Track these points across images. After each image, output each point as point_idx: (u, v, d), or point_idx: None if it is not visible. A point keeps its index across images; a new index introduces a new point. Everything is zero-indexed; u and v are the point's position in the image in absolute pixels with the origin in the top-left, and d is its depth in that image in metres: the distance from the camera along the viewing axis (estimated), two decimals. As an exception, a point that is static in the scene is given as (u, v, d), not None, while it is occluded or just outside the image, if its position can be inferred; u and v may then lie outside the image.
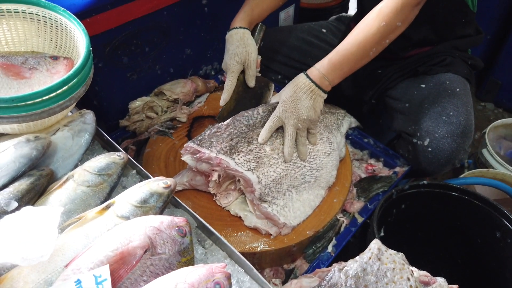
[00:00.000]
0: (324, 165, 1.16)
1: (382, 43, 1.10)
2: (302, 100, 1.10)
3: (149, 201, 0.71)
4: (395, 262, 0.77)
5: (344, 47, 1.11)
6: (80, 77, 0.81)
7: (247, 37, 1.24)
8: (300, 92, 1.11)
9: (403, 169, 1.31)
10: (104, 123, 1.38)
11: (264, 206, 1.04)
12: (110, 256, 0.58)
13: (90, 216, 0.67)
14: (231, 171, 1.04)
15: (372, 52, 1.11)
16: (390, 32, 1.09)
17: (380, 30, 1.07)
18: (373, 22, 1.08)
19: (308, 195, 1.13)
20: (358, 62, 1.12)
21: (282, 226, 1.05)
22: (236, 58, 1.23)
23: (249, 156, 1.06)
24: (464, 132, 1.17)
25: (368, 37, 1.08)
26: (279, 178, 1.07)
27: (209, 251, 0.74)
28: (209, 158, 1.04)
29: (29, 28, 0.93)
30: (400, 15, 1.06)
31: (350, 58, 1.10)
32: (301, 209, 1.10)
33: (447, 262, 1.30)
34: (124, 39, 1.25)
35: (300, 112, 1.09)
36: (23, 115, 0.75)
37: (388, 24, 1.07)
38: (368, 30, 1.08)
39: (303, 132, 1.13)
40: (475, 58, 1.38)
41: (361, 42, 1.09)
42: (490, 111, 2.27)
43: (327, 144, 1.20)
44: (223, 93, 1.24)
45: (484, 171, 1.51)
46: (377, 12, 1.08)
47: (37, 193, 0.72)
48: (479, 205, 1.16)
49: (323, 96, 1.13)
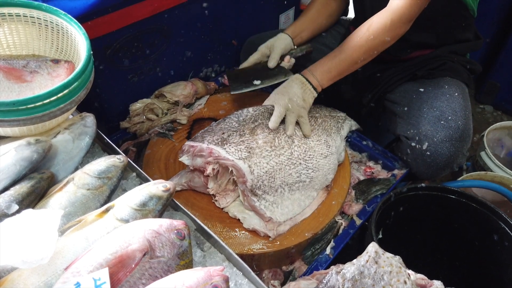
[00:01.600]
0: (321, 167, 1.17)
1: (370, 53, 1.19)
2: (293, 88, 1.22)
3: (149, 204, 0.71)
4: (392, 265, 0.77)
5: (334, 53, 1.22)
6: (81, 81, 0.81)
7: (284, 36, 1.42)
8: (292, 83, 1.24)
9: (402, 171, 1.31)
10: (105, 125, 1.38)
11: (253, 199, 1.05)
12: (109, 259, 0.59)
13: (90, 219, 0.68)
14: (223, 160, 1.05)
15: (360, 60, 1.20)
16: (378, 46, 1.18)
17: (369, 43, 1.16)
18: (362, 33, 1.17)
19: (300, 195, 1.14)
20: (346, 68, 1.22)
21: (267, 220, 1.06)
22: (266, 43, 1.42)
23: (241, 146, 1.08)
24: (463, 137, 1.17)
25: (356, 47, 1.18)
26: (272, 171, 1.08)
27: (208, 254, 0.75)
28: (201, 149, 1.07)
29: (31, 31, 0.93)
30: (389, 32, 1.14)
31: (337, 63, 1.21)
32: (290, 207, 1.11)
33: (444, 265, 1.30)
34: (125, 42, 1.26)
35: (290, 95, 1.21)
36: (24, 118, 0.75)
37: (376, 39, 1.15)
38: (357, 41, 1.17)
39: (294, 114, 1.19)
40: (473, 63, 1.39)
41: (349, 51, 1.19)
42: (489, 114, 2.27)
43: (325, 146, 1.21)
44: (245, 62, 1.41)
45: (482, 174, 1.51)
46: (367, 26, 1.16)
47: (38, 196, 0.73)
48: (477, 208, 1.16)
49: (313, 92, 1.24)
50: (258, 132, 1.13)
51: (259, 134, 1.13)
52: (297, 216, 1.11)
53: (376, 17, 1.15)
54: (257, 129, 1.14)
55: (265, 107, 1.23)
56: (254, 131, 1.13)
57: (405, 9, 1.11)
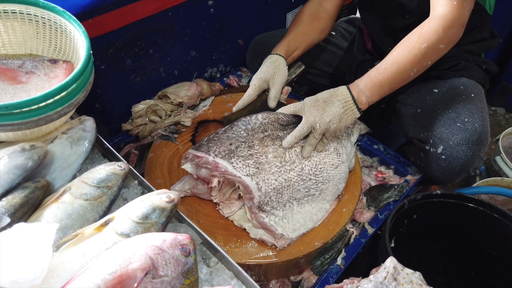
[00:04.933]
0: (332, 178, 1.12)
1: (423, 64, 1.09)
2: (334, 105, 1.09)
3: (151, 217, 0.66)
4: (413, 283, 0.72)
5: (384, 66, 1.09)
6: (80, 82, 0.77)
7: (279, 62, 1.30)
8: (335, 98, 1.10)
9: (415, 177, 1.26)
10: (106, 127, 1.35)
11: (262, 215, 1.00)
12: (108, 279, 0.54)
13: (88, 233, 0.63)
14: (230, 176, 1.00)
15: (413, 73, 1.09)
16: (432, 54, 1.07)
17: (422, 52, 1.05)
18: (414, 43, 1.06)
19: (311, 208, 1.08)
20: (398, 82, 1.11)
21: (279, 237, 1.01)
22: (262, 74, 1.28)
23: (249, 161, 1.02)
24: (480, 140, 1.12)
25: (409, 58, 1.06)
26: (280, 187, 1.03)
27: (214, 271, 0.70)
28: (206, 162, 1.02)
29: (27, 29, 0.89)
30: (442, 38, 1.04)
31: (389, 77, 1.09)
32: (301, 221, 1.05)
33: (459, 275, 1.26)
34: (128, 41, 1.22)
35: (326, 114, 1.09)
36: (19, 122, 0.71)
37: (429, 47, 1.05)
38: (409, 52, 1.06)
39: (318, 135, 1.10)
40: (489, 63, 1.34)
41: (402, 63, 1.07)
42: (501, 116, 2.22)
43: (335, 155, 1.14)
44: (240, 101, 1.29)
45: (498, 180, 1.46)
46: (418, 34, 1.06)
47: (32, 207, 0.68)
48: (495, 217, 1.12)
49: (356, 113, 1.12)
50: (268, 144, 1.07)
51: (269, 147, 1.06)
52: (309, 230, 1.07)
53: (426, 24, 1.06)
54: (266, 140, 1.08)
55: (275, 115, 1.16)
56: (264, 141, 1.07)
57: (455, 14, 1.03)
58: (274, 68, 1.28)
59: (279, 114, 1.17)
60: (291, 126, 1.15)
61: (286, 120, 1.16)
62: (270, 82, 1.28)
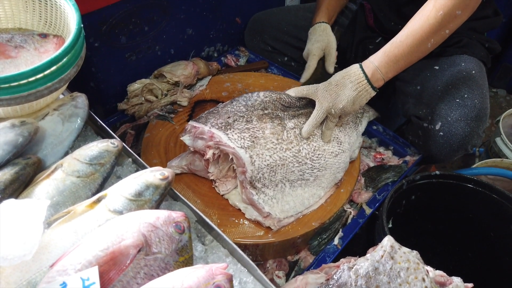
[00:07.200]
0: (329, 166, 1.10)
1: (441, 33, 1.03)
2: (347, 87, 1.06)
3: (144, 194, 0.65)
4: (409, 261, 0.71)
5: (399, 39, 1.04)
6: (70, 57, 0.74)
7: (329, 30, 1.31)
8: (348, 80, 1.06)
9: (414, 158, 1.25)
10: (102, 106, 1.34)
11: (251, 192, 0.99)
12: (100, 256, 0.53)
13: (80, 210, 0.61)
14: (224, 146, 0.99)
15: (431, 43, 1.04)
16: (449, 21, 1.01)
17: (438, 19, 1.00)
18: (429, 12, 1.01)
19: (303, 192, 1.07)
20: (415, 55, 1.06)
21: (265, 216, 1.00)
22: (318, 44, 1.28)
23: (245, 134, 1.00)
24: (479, 116, 1.10)
25: (425, 27, 1.01)
26: (274, 165, 1.01)
27: (209, 248, 0.69)
28: (202, 132, 1.01)
29: (16, 3, 0.86)
30: (459, 2, 0.99)
31: (406, 50, 1.04)
32: (291, 204, 1.04)
33: (457, 255, 1.26)
34: (122, 17, 1.20)
35: (339, 98, 1.06)
36: (8, 98, 0.68)
37: (446, 14, 0.99)
38: (424, 20, 1.01)
39: (335, 118, 1.09)
40: (492, 41, 1.31)
41: (418, 33, 1.02)
42: (502, 98, 2.19)
43: (336, 143, 1.13)
44: (304, 72, 1.29)
45: (498, 161, 1.45)
46: (433, 2, 1.01)
47: (22, 184, 0.66)
48: (494, 197, 1.11)
49: (370, 92, 1.08)
50: (266, 121, 1.05)
51: (267, 123, 1.05)
52: (299, 213, 1.06)
53: None
54: (265, 118, 1.06)
55: (278, 95, 1.14)
56: (263, 118, 1.06)
57: None
58: (327, 36, 1.30)
59: (282, 94, 1.15)
60: (293, 108, 1.13)
61: (288, 102, 1.14)
62: (326, 50, 1.30)
